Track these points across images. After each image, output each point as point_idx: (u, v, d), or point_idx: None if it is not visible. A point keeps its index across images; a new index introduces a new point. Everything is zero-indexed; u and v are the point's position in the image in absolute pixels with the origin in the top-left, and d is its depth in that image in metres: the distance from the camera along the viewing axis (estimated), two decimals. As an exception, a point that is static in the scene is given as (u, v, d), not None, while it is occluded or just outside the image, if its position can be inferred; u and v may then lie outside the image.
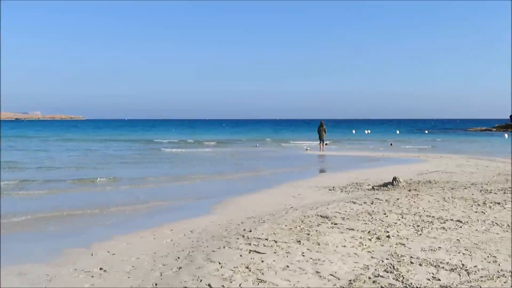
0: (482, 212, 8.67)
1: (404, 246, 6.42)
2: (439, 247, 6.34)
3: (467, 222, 7.84)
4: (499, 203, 9.43)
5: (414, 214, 8.48)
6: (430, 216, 8.35)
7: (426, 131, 73.60)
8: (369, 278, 5.19)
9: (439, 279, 5.12)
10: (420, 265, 5.61)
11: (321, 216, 8.47)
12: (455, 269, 5.46)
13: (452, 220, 8.01)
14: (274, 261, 5.83)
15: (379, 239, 6.81)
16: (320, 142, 29.23)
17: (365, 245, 6.50)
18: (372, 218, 8.21)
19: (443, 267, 5.51)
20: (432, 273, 5.31)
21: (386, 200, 10.05)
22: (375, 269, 5.48)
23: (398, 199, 10.15)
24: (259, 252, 6.21)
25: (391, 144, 37.09)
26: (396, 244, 6.54)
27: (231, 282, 5.13)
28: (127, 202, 10.93)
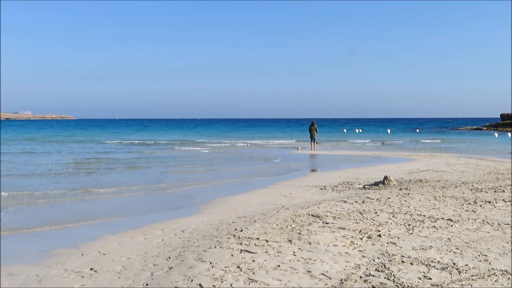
0: (473, 211, 8.71)
1: (395, 245, 6.42)
2: (430, 246, 6.36)
3: (458, 221, 7.87)
4: (489, 202, 9.48)
5: (405, 213, 8.50)
6: (421, 215, 8.37)
7: (417, 130, 74.05)
8: (360, 277, 5.19)
9: (430, 278, 5.12)
10: (411, 264, 5.62)
11: (312, 215, 8.46)
12: (446, 268, 5.47)
13: (443, 219, 8.04)
14: (265, 260, 5.81)
15: (370, 238, 6.82)
16: (311, 142, 29.31)
17: (356, 244, 6.50)
18: (363, 217, 8.22)
19: (434, 266, 5.52)
20: (423, 272, 5.32)
21: (377, 199, 10.07)
22: (366, 268, 5.47)
23: (389, 198, 10.16)
24: (250, 252, 6.19)
25: (382, 143, 37.25)
26: (387, 243, 6.55)
27: (222, 282, 5.11)
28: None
